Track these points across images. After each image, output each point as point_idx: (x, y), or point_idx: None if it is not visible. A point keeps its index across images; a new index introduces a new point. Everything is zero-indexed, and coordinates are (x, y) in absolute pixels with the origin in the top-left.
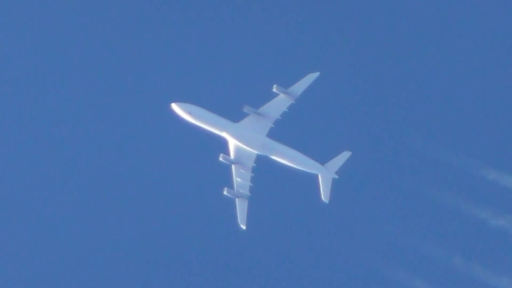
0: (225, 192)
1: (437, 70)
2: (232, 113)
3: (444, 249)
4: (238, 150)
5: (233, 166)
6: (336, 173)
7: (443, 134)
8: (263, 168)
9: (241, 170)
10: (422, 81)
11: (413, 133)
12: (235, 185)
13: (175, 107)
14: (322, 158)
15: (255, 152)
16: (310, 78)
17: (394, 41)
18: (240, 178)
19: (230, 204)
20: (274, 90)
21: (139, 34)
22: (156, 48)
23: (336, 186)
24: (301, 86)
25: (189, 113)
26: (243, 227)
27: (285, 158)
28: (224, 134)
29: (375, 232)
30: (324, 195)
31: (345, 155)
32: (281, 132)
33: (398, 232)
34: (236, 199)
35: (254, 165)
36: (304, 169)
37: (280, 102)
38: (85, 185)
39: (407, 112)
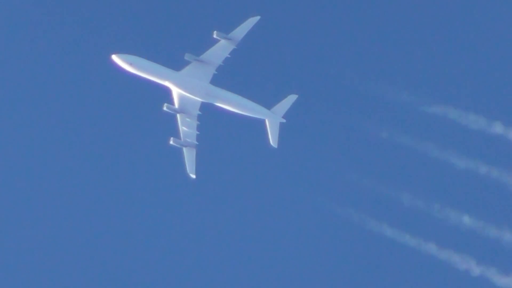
0: (171, 142)
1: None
2: (173, 62)
3: (394, 187)
4: (182, 99)
5: (178, 115)
6: (283, 117)
7: (388, 71)
8: (209, 115)
9: (187, 119)
10: (367, 20)
11: (359, 73)
12: (181, 134)
13: (115, 58)
14: (268, 103)
15: (199, 100)
16: (251, 22)
17: None
18: (186, 127)
19: (177, 154)
20: (215, 36)
21: None
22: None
23: (283, 130)
24: (242, 30)
25: (130, 64)
26: (193, 176)
27: (230, 104)
28: (167, 83)
29: (325, 174)
30: (272, 139)
31: (291, 98)
32: (224, 78)
33: (347, 172)
34: (184, 148)
35: (200, 113)
36: (250, 115)
37: (221, 48)
38: (24, 139)
39: (353, 53)
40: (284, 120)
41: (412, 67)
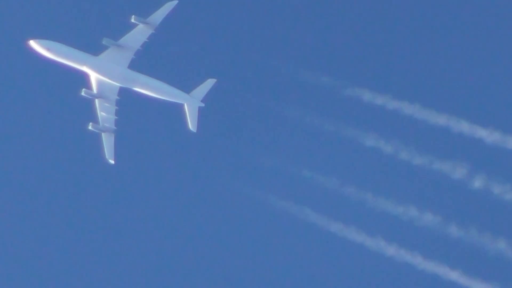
0: (90, 127)
1: None
2: (91, 46)
3: (311, 170)
4: (100, 84)
5: (96, 101)
6: (202, 101)
7: (307, 55)
8: (127, 100)
9: (105, 104)
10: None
11: (275, 55)
12: (100, 119)
13: (33, 43)
14: (187, 87)
15: (117, 84)
16: (169, 6)
17: None
18: (105, 112)
19: (96, 139)
20: (133, 20)
21: None
22: None
23: (202, 114)
24: (160, 15)
25: (48, 49)
26: (112, 161)
27: (148, 89)
28: (85, 68)
29: (245, 158)
30: (192, 124)
31: (209, 83)
32: (143, 63)
33: (266, 156)
34: (102, 134)
35: (118, 98)
36: (169, 99)
37: (139, 32)
38: None
39: (269, 36)
40: (203, 104)
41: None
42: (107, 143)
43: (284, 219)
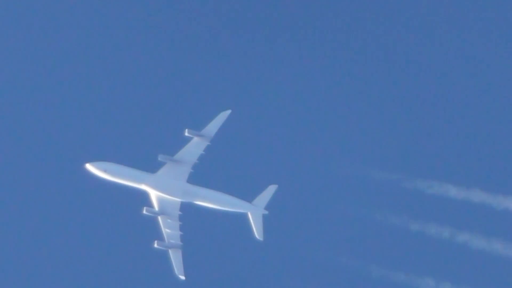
0: (156, 245)
1: None
2: (148, 164)
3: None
4: (161, 201)
5: (159, 218)
6: (265, 208)
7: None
8: (191, 214)
9: (168, 220)
10: None
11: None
12: (165, 236)
13: (89, 167)
14: (249, 196)
15: (178, 200)
16: (223, 116)
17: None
18: (169, 229)
19: (163, 256)
20: (187, 134)
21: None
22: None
23: (267, 221)
24: (214, 126)
25: (105, 171)
26: (182, 277)
27: (210, 201)
28: (143, 186)
29: (315, 262)
30: (257, 232)
31: (271, 189)
32: (202, 175)
33: (338, 255)
34: (169, 250)
35: (180, 213)
36: (232, 210)
37: (195, 146)
38: None
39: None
40: (266, 212)
41: None
42: (175, 259)
43: None
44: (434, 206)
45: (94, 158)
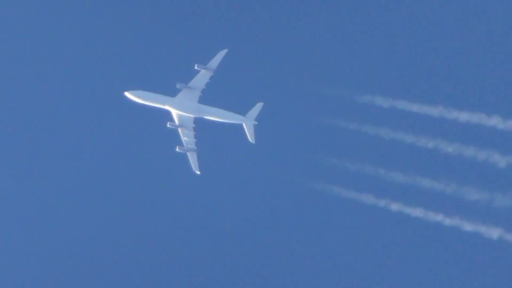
0: (177, 149)
1: None
2: (169, 90)
3: None
4: (179, 117)
5: (179, 129)
6: (255, 119)
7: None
8: (202, 126)
9: (186, 131)
10: None
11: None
12: (184, 143)
13: (127, 94)
14: (242, 110)
15: (192, 116)
16: (221, 54)
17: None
18: (186, 137)
19: (183, 158)
20: (196, 68)
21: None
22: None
23: (256, 129)
24: (215, 61)
25: (138, 97)
26: (198, 172)
27: (215, 116)
28: (167, 107)
29: (299, 156)
30: (250, 138)
31: (259, 106)
32: (208, 97)
33: (316, 155)
34: (188, 153)
35: (194, 125)
36: (231, 122)
37: (203, 76)
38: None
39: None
40: (256, 122)
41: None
42: (192, 159)
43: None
44: None
45: (131, 87)
